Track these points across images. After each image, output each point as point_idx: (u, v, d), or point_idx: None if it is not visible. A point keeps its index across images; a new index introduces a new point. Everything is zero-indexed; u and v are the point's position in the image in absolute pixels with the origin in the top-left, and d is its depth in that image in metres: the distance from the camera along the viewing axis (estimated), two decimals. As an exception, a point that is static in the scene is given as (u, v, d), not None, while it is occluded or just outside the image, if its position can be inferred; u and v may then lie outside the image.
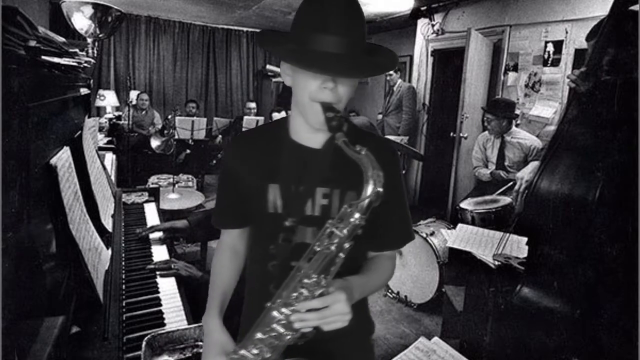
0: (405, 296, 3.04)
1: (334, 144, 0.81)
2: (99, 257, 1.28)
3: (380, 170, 0.74)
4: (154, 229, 1.82)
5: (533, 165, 2.61)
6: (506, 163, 3.27)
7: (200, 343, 1.13)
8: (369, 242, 0.94)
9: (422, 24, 5.09)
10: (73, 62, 1.43)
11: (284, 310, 0.77)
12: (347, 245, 0.75)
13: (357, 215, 0.74)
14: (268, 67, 7.24)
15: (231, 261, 1.03)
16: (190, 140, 5.18)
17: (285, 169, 0.90)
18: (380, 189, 0.73)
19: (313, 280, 0.76)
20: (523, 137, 3.27)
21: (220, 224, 1.03)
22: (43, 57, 1.06)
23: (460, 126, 3.91)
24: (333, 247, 0.75)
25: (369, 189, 0.73)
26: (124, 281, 1.41)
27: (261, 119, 5.49)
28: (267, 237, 0.91)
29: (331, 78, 0.79)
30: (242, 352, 0.81)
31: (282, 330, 0.78)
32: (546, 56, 3.68)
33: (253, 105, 6.03)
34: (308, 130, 0.88)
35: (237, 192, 0.97)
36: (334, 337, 0.80)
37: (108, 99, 6.00)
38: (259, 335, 0.79)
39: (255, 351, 0.80)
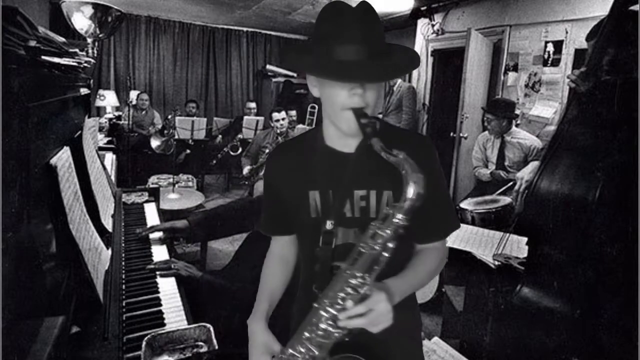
0: (405, 296, 3.03)
1: (366, 146, 0.85)
2: (99, 257, 1.28)
3: (420, 172, 0.77)
4: (154, 229, 1.82)
5: (533, 165, 2.61)
6: (506, 163, 3.27)
7: (200, 343, 1.13)
8: (413, 236, 0.95)
9: (422, 24, 5.09)
10: (73, 62, 1.43)
11: (330, 309, 0.80)
12: (391, 245, 0.79)
13: (399, 216, 0.78)
14: (268, 67, 7.23)
15: (279, 269, 1.06)
16: (190, 140, 5.18)
17: (322, 175, 0.94)
18: (422, 191, 0.76)
19: (358, 280, 0.79)
20: (523, 137, 3.27)
21: (266, 231, 1.09)
22: (43, 57, 1.06)
23: (460, 126, 3.91)
24: (377, 247, 0.79)
25: (411, 191, 0.77)
26: (124, 281, 1.41)
27: (261, 119, 5.49)
28: (311, 241, 0.95)
29: (359, 84, 0.82)
30: (290, 351, 0.84)
31: (329, 328, 0.81)
32: (546, 56, 3.68)
33: (253, 105, 6.02)
34: (340, 137, 0.91)
35: (279, 201, 1.01)
36: (382, 335, 0.82)
37: (108, 99, 6.00)
38: (306, 334, 0.83)
39: (302, 349, 0.83)
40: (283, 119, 4.08)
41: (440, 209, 0.98)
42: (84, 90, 1.81)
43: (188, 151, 5.42)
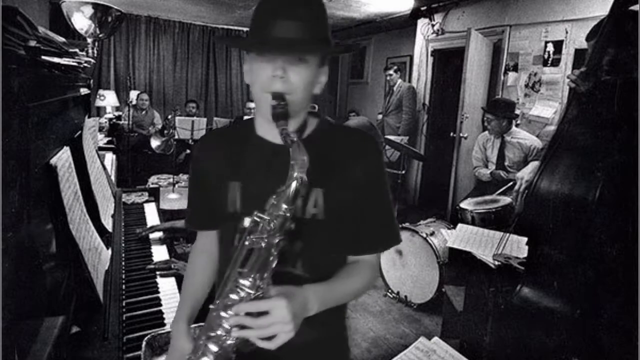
0: (405, 296, 3.04)
1: (303, 139, 0.81)
2: (99, 257, 1.28)
3: (307, 156, 0.70)
4: (154, 229, 1.82)
5: (533, 165, 2.61)
6: (506, 163, 3.27)
7: (200, 343, 1.12)
8: (346, 245, 0.88)
9: (422, 24, 5.09)
10: (73, 62, 1.43)
11: (223, 313, 0.71)
12: (277, 240, 0.71)
13: (283, 206, 0.70)
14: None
15: (204, 265, 0.98)
16: (190, 140, 5.17)
17: (247, 167, 0.85)
18: (304, 176, 0.70)
19: (249, 281, 0.70)
20: (523, 137, 3.27)
21: (191, 225, 1.00)
22: (43, 57, 1.06)
23: (460, 126, 3.91)
24: (263, 244, 0.70)
25: (294, 176, 0.70)
26: (124, 281, 1.41)
27: (261, 119, 5.49)
28: (227, 239, 0.86)
29: (280, 66, 0.76)
30: (192, 358, 0.76)
31: (223, 334, 0.71)
32: (546, 56, 3.68)
33: (253, 105, 6.01)
34: (272, 126, 0.79)
35: (204, 192, 0.93)
36: (301, 344, 0.72)
37: (108, 99, 6.00)
38: (203, 339, 0.74)
39: (204, 358, 0.73)
40: (283, 119, 4.08)
41: (376, 217, 0.88)
42: (84, 90, 1.81)
43: (188, 151, 5.41)
